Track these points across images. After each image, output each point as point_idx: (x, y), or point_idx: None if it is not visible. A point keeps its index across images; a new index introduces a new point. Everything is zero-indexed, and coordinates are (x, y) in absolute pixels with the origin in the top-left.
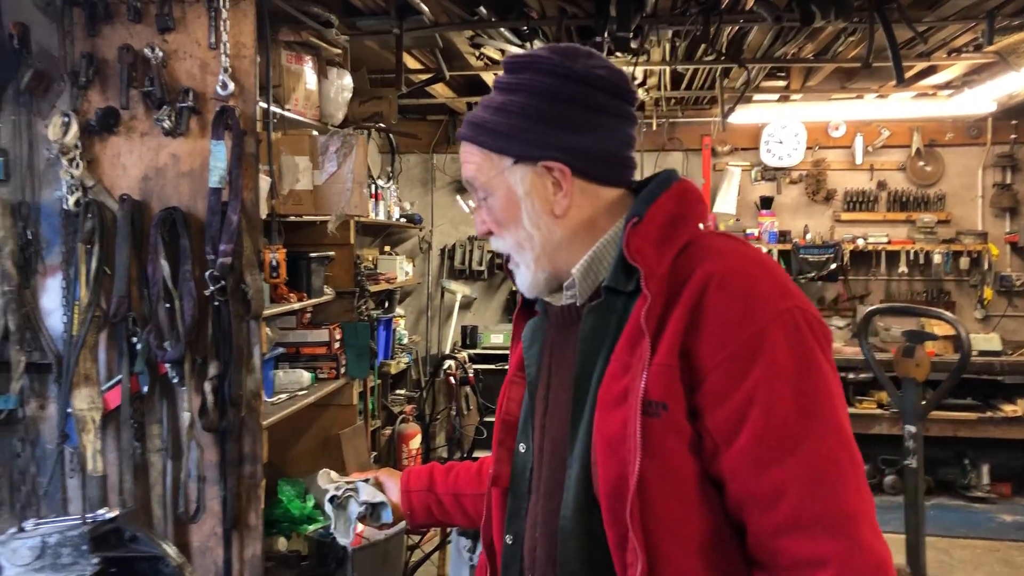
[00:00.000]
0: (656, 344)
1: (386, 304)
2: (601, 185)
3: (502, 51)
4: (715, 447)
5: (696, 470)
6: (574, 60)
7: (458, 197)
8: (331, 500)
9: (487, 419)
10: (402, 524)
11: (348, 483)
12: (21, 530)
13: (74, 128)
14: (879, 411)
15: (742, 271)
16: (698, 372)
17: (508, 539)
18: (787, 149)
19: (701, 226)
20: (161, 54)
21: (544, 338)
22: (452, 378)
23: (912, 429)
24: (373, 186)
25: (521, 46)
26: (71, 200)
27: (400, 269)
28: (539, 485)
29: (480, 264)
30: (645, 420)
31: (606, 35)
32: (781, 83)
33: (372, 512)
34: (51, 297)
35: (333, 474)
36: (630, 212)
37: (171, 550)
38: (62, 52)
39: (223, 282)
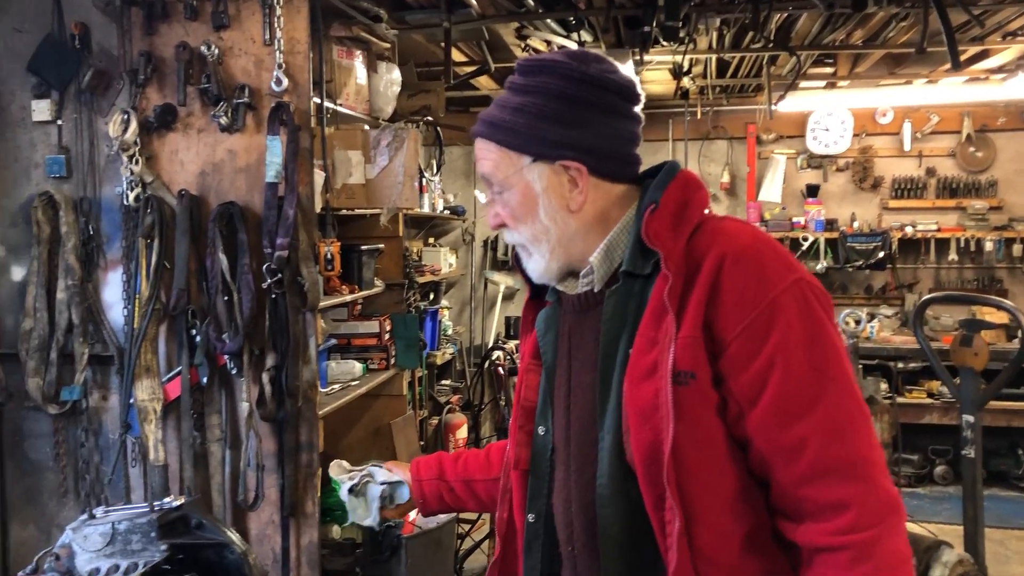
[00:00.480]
0: (680, 319)
1: (431, 296)
2: (612, 182)
3: (548, 42)
4: (739, 409)
5: (723, 432)
6: (587, 64)
7: (476, 191)
8: (350, 490)
9: None
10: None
11: (361, 469)
12: (92, 517)
13: (133, 125)
14: (929, 400)
15: (752, 249)
16: (720, 342)
17: (530, 518)
18: (833, 136)
19: (706, 211)
20: (217, 51)
21: (558, 325)
22: (501, 368)
23: (970, 419)
24: (422, 179)
25: (567, 37)
26: (131, 196)
27: (444, 261)
28: (567, 462)
29: None
30: (676, 389)
31: (654, 24)
32: (828, 69)
33: (389, 494)
34: (112, 291)
35: (345, 464)
36: (646, 199)
37: (235, 537)
38: (121, 51)
39: (280, 275)
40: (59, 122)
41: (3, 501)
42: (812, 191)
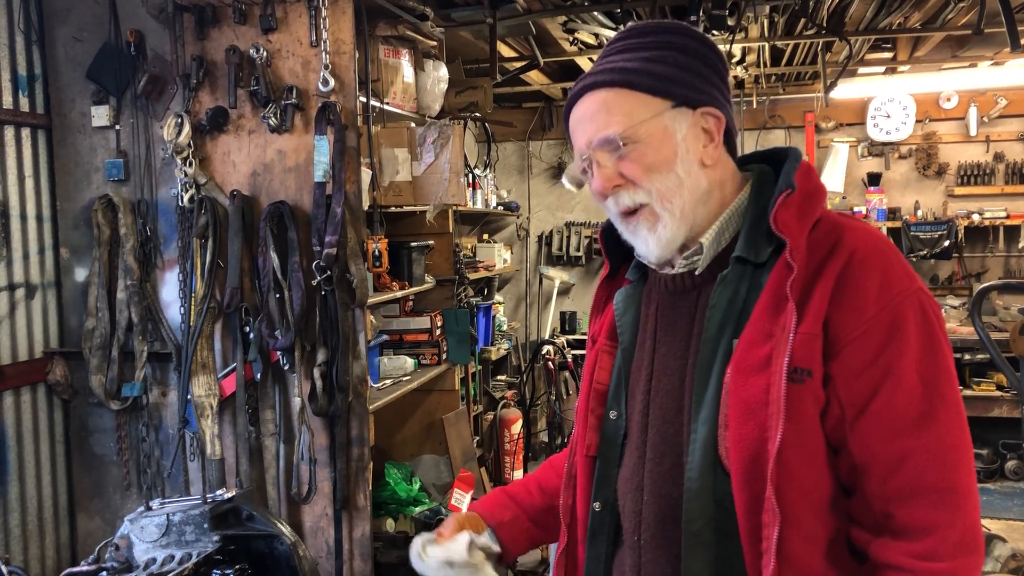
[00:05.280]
0: (802, 313)
1: (485, 291)
2: (727, 152)
3: (596, 35)
4: (842, 413)
5: (823, 435)
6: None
7: (564, 178)
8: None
9: None
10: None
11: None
12: (149, 509)
13: (186, 128)
14: (998, 393)
15: (878, 250)
16: (835, 342)
17: (596, 506)
18: (895, 123)
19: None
20: (265, 54)
21: (639, 305)
22: (551, 363)
23: None
24: (470, 175)
25: (615, 30)
26: (186, 197)
27: (498, 256)
28: (642, 449)
29: (578, 250)
30: (790, 386)
31: (700, 13)
32: (887, 55)
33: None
34: (169, 290)
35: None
36: (781, 183)
37: (285, 529)
38: (174, 56)
39: (329, 272)
40: (117, 127)
41: (71, 494)
42: (873, 179)
